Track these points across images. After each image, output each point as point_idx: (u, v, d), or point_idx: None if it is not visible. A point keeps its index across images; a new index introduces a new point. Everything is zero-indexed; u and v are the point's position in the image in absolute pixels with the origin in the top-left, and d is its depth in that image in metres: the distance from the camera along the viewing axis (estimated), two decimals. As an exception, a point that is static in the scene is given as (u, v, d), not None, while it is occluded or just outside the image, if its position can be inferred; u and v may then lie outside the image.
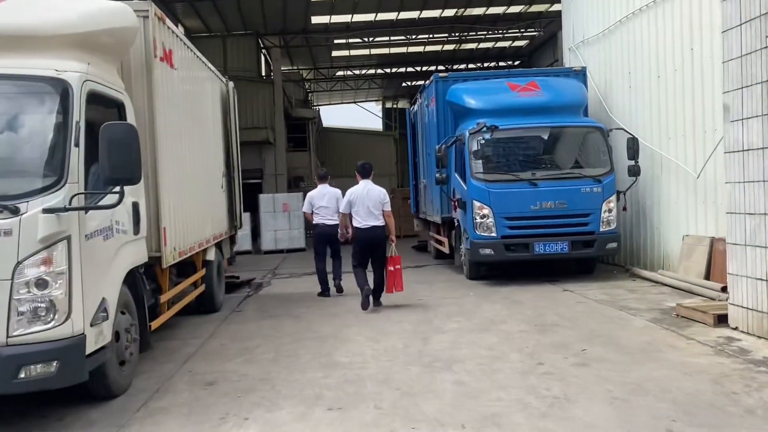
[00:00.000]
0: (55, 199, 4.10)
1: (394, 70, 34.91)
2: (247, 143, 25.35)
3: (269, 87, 25.71)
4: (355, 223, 8.38)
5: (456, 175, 10.84)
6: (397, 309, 8.49)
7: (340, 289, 9.86)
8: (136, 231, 5.35)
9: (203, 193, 7.91)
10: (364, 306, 8.30)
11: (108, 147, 4.11)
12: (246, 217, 18.91)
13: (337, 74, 35.29)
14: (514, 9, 26.05)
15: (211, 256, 8.46)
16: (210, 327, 7.79)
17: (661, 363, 5.36)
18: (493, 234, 9.98)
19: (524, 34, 29.21)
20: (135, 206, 5.33)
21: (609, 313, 7.55)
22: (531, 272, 10.86)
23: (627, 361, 5.48)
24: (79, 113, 4.35)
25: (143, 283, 5.62)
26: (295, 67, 33.48)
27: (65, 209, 4.07)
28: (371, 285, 8.47)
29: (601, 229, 10.06)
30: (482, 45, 31.25)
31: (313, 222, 9.88)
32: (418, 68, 34.43)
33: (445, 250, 12.22)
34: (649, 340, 6.18)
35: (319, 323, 7.71)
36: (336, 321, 7.83)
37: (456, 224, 11.24)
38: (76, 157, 4.27)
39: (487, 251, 10.00)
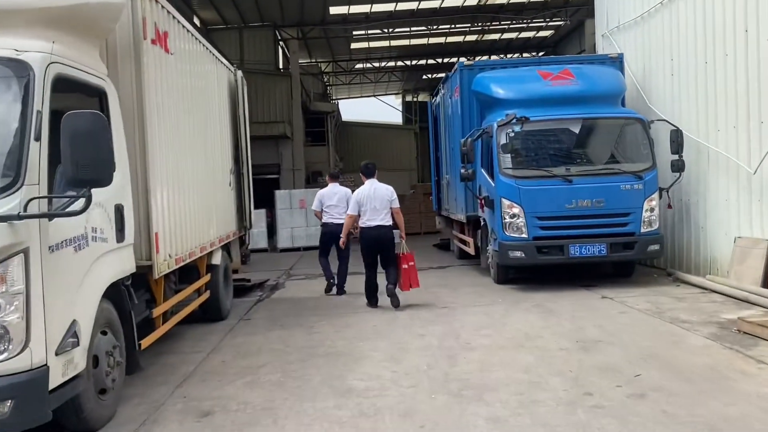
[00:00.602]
0: (7, 204, 3.41)
1: (414, 62, 34.06)
2: (264, 137, 24.83)
3: (287, 80, 25.05)
4: (362, 223, 8.31)
5: (482, 170, 10.03)
6: (419, 317, 7.74)
7: (341, 291, 9.78)
8: (120, 238, 4.66)
9: (207, 192, 7.22)
10: (371, 302, 8.56)
11: (71, 141, 3.40)
12: (261, 213, 18.35)
13: (356, 67, 34.51)
14: (540, -3, 25.06)
15: (217, 259, 7.78)
16: (213, 339, 7.10)
17: (732, 395, 4.53)
18: (524, 235, 9.16)
19: (549, 23, 28.18)
20: (119, 210, 4.64)
21: (658, 327, 6.71)
22: (563, 275, 10.03)
23: (691, 391, 4.65)
24: (41, 101, 3.66)
25: (130, 296, 4.93)
26: (314, 60, 32.80)
27: (19, 216, 3.37)
28: (383, 287, 8.42)
29: (642, 230, 9.19)
30: (505, 35, 30.24)
31: (322, 220, 10.06)
32: (439, 60, 33.53)
33: (470, 251, 11.42)
34: (711, 363, 5.34)
35: (333, 335, 6.98)
36: (351, 332, 7.09)
37: (482, 224, 10.43)
38: (37, 153, 3.57)
39: (518, 254, 9.18)
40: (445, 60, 33.38)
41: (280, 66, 27.82)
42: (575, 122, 9.70)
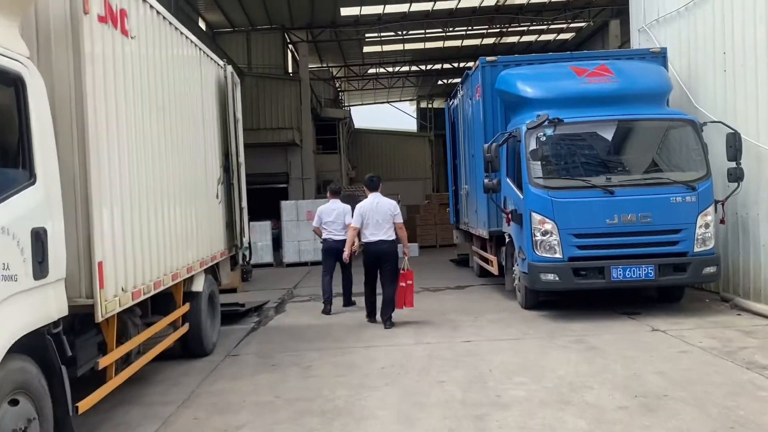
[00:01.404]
0: None
1: (429, 66, 32.91)
2: (272, 145, 23.80)
3: (296, 85, 23.99)
4: (364, 238, 8.14)
5: (508, 180, 8.80)
6: (437, 356, 6.50)
7: (348, 303, 9.68)
8: (41, 273, 3.51)
9: (184, 207, 6.06)
10: (369, 318, 8.37)
11: None
12: (267, 226, 17.23)
13: (368, 72, 33.41)
14: (562, -3, 23.83)
15: (199, 286, 6.61)
16: (190, 382, 5.92)
17: None
18: (558, 255, 7.90)
19: (571, 25, 26.92)
20: (37, 235, 3.49)
21: (735, 375, 5.42)
22: (599, 300, 8.77)
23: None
24: None
25: (60, 347, 3.76)
26: (325, 65, 31.76)
27: None
28: (379, 303, 8.25)
29: (696, 249, 7.90)
30: (524, 38, 28.98)
31: (322, 237, 9.84)
32: (455, 64, 32.34)
33: (494, 270, 10.15)
34: (825, 434, 4.06)
35: (333, 380, 5.76)
36: (355, 377, 5.86)
37: (507, 240, 9.19)
38: None
39: (550, 277, 7.92)
40: (461, 64, 32.17)
41: (290, 70, 26.79)
42: (616, 124, 8.45)
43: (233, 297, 11.33)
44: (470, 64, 32.18)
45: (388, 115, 46.01)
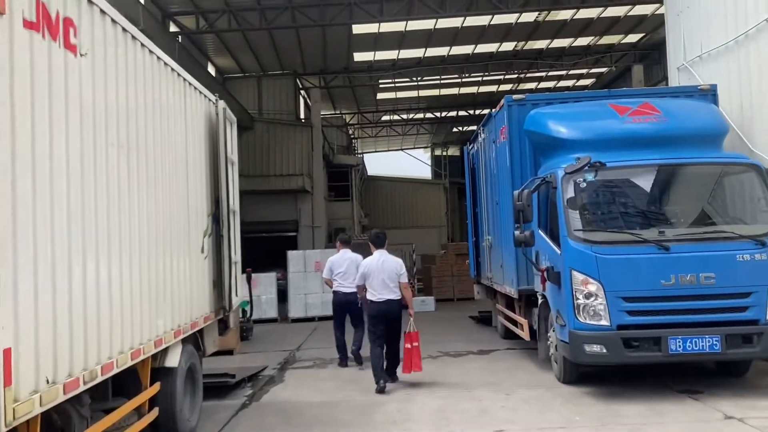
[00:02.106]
0: None
1: (444, 113, 32.24)
2: (282, 192, 22.90)
3: (307, 130, 23.25)
4: (369, 296, 7.86)
5: (541, 233, 7.63)
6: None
7: (358, 359, 9.18)
8: None
9: (154, 265, 4.96)
10: (379, 390, 7.55)
11: None
12: (271, 278, 16.09)
13: (382, 119, 32.81)
14: (582, 42, 23.12)
15: (173, 359, 5.44)
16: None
17: None
18: (605, 322, 6.66)
19: (591, 70, 26.17)
20: None
21: None
22: (649, 371, 7.48)
23: None
24: None
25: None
26: (338, 111, 31.22)
27: None
28: (385, 361, 7.83)
29: (769, 317, 6.64)
30: (543, 84, 28.26)
31: (333, 288, 9.67)
32: (471, 111, 31.69)
33: (524, 335, 8.86)
34: None
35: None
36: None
37: (541, 301, 7.96)
38: None
39: (596, 348, 6.65)
40: (477, 111, 31.50)
41: (301, 116, 26.14)
42: (668, 169, 7.32)
43: (228, 361, 10.11)
44: (485, 111, 31.50)
45: (401, 162, 45.29)
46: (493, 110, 9.90)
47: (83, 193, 3.78)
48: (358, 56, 22.82)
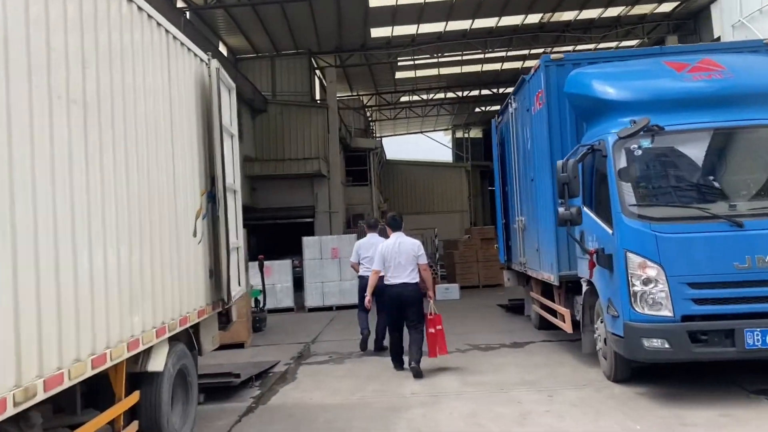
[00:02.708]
0: None
1: (465, 93, 31.02)
2: (297, 177, 22.02)
3: (323, 112, 22.29)
4: (386, 280, 7.57)
5: (586, 210, 6.61)
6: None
7: (380, 347, 8.88)
8: None
9: (128, 251, 4.08)
10: (396, 366, 7.73)
11: None
12: (286, 265, 15.25)
13: (401, 100, 31.69)
14: (612, 12, 21.80)
15: (158, 363, 4.57)
16: None
17: None
18: (667, 313, 5.66)
19: (622, 43, 24.78)
20: None
21: None
22: (711, 366, 6.46)
23: None
24: None
25: None
26: (355, 93, 30.20)
27: None
28: (407, 349, 7.62)
29: None
30: (570, 59, 26.91)
31: (359, 273, 9.29)
32: (494, 90, 30.43)
33: (565, 327, 7.85)
34: None
35: None
36: None
37: (586, 288, 6.96)
38: None
39: (657, 343, 5.66)
40: (501, 90, 30.24)
41: (317, 97, 25.17)
42: (738, 133, 6.25)
43: (238, 355, 9.30)
44: (509, 89, 30.27)
45: (421, 146, 44.02)
46: (526, 75, 8.86)
47: (12, 159, 2.87)
48: (375, 32, 21.77)
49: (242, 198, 19.44)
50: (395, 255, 7.47)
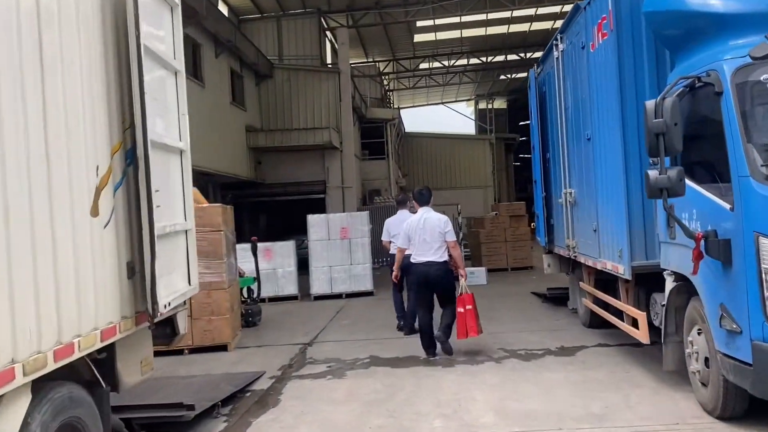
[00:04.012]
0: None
1: (490, 58, 28.71)
2: (307, 148, 20.09)
3: (334, 77, 20.28)
4: (411, 258, 7.08)
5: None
6: None
7: (411, 329, 8.27)
8: None
9: None
10: (428, 352, 7.09)
11: None
12: (289, 247, 13.42)
13: (420, 67, 29.48)
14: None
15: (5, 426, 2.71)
16: None
17: None
18: (823, 330, 3.67)
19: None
20: None
21: None
22: None
23: None
24: None
25: None
26: (370, 59, 28.07)
27: None
28: (437, 329, 7.06)
29: None
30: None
31: (390, 251, 8.90)
32: (521, 55, 28.09)
33: (640, 335, 5.80)
34: None
35: None
36: None
37: (674, 285, 4.97)
38: None
39: (807, 376, 3.69)
40: (528, 54, 27.89)
41: (328, 61, 23.11)
42: None
43: (216, 361, 7.52)
44: (538, 54, 27.81)
45: (442, 117, 41.72)
46: (581, 1, 6.77)
47: None
48: (391, -13, 19.64)
49: (246, 172, 17.46)
50: (420, 231, 7.00)
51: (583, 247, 7.27)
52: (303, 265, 13.30)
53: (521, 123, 44.12)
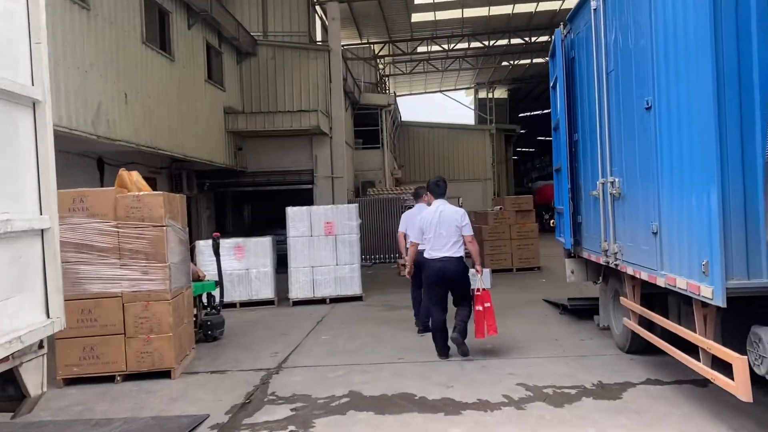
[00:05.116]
0: None
1: (492, 42, 26.90)
2: (293, 134, 18.26)
3: (324, 56, 18.45)
4: (426, 254, 6.75)
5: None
6: None
7: (425, 328, 7.68)
8: None
9: None
10: (441, 353, 6.72)
11: None
12: (265, 243, 11.64)
13: (418, 50, 27.65)
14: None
15: None
16: None
17: None
18: None
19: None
20: None
21: None
22: None
23: None
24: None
25: None
26: (364, 41, 26.21)
27: None
28: (451, 330, 6.67)
29: None
30: None
31: (405, 246, 8.31)
32: (526, 39, 26.30)
33: (739, 392, 4.03)
34: None
35: None
36: None
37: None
38: None
39: None
40: (533, 38, 26.11)
41: (317, 39, 21.27)
42: None
43: (149, 397, 5.77)
44: (543, 38, 26.00)
45: (440, 107, 39.95)
46: None
47: None
48: (387, -42, 17.80)
49: (223, 159, 15.61)
50: (435, 225, 6.68)
51: (632, 254, 5.54)
52: (285, 264, 11.51)
53: (521, 115, 42.48)
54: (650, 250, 5.02)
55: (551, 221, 9.06)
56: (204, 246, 10.69)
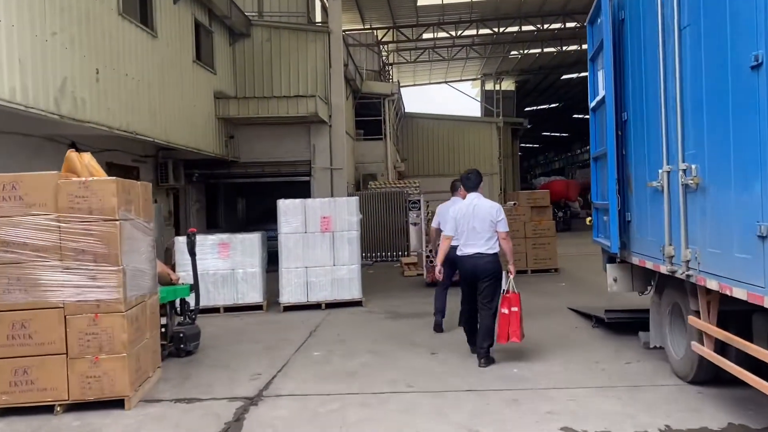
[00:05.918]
0: None
1: (502, 29, 25.53)
2: (289, 122, 16.97)
3: (323, 38, 17.12)
4: (459, 250, 6.48)
5: None
6: None
7: (439, 327, 7.82)
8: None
9: None
10: (473, 349, 6.51)
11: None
12: (253, 240, 10.32)
13: (423, 37, 26.29)
14: None
15: None
16: None
17: None
18: None
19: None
20: None
21: None
22: None
23: None
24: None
25: None
26: (367, 26, 24.85)
27: None
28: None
29: None
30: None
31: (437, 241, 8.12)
32: (538, 26, 24.95)
33: None
34: None
35: None
36: None
37: None
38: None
39: None
40: (545, 26, 24.76)
41: (317, 20, 19.94)
42: None
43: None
44: (556, 26, 24.67)
45: (446, 98, 38.62)
46: None
47: None
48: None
49: (213, 147, 14.22)
50: (469, 219, 6.38)
51: (716, 263, 4.25)
52: (277, 262, 10.22)
53: (527, 109, 41.16)
54: (751, 260, 3.73)
55: (589, 219, 7.73)
56: (183, 244, 9.41)
